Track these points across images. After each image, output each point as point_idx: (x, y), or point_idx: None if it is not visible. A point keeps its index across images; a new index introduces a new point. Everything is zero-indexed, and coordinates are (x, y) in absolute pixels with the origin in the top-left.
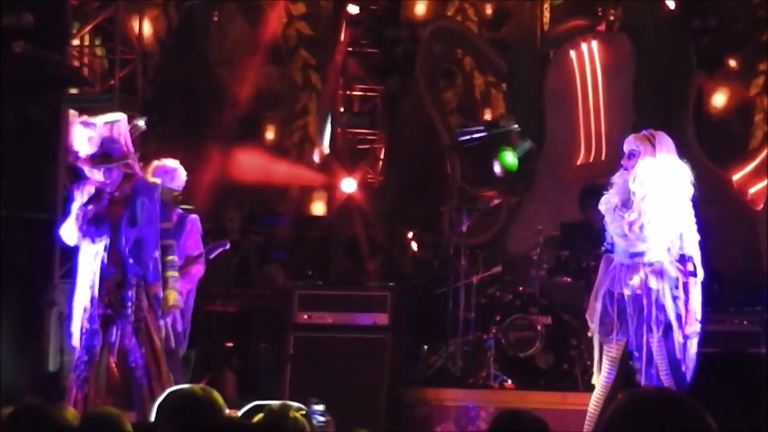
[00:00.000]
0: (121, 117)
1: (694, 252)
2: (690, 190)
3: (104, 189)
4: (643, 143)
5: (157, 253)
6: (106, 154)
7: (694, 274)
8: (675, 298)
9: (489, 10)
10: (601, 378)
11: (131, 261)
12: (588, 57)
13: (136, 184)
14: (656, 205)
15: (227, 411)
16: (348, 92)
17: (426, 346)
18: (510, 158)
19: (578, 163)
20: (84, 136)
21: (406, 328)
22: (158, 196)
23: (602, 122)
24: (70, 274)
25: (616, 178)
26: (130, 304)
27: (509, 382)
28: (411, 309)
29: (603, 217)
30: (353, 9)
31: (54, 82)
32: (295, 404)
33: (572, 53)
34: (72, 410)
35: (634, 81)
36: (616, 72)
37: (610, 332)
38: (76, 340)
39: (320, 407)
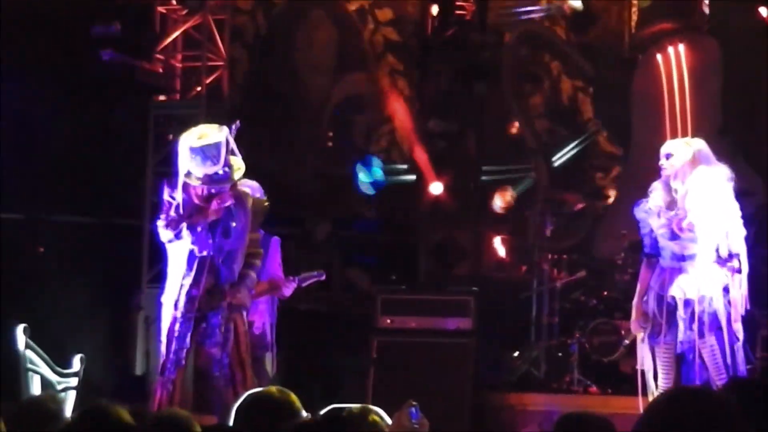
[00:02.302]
0: (226, 131)
1: (740, 248)
2: (730, 190)
3: (209, 198)
4: (679, 145)
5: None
6: (224, 172)
7: (739, 270)
8: (727, 303)
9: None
10: (660, 383)
11: (224, 271)
12: (675, 60)
13: (232, 196)
14: (700, 201)
15: (305, 414)
16: (435, 95)
17: (517, 352)
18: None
19: None
20: (192, 153)
21: (490, 332)
22: (250, 206)
23: (689, 126)
24: (158, 280)
25: (655, 184)
26: (222, 312)
27: (593, 387)
28: (495, 313)
29: (641, 224)
30: (435, 10)
31: (142, 90)
32: (377, 408)
33: (659, 56)
34: (126, 411)
35: (722, 84)
36: (704, 75)
37: (658, 335)
38: (163, 342)
39: (415, 408)
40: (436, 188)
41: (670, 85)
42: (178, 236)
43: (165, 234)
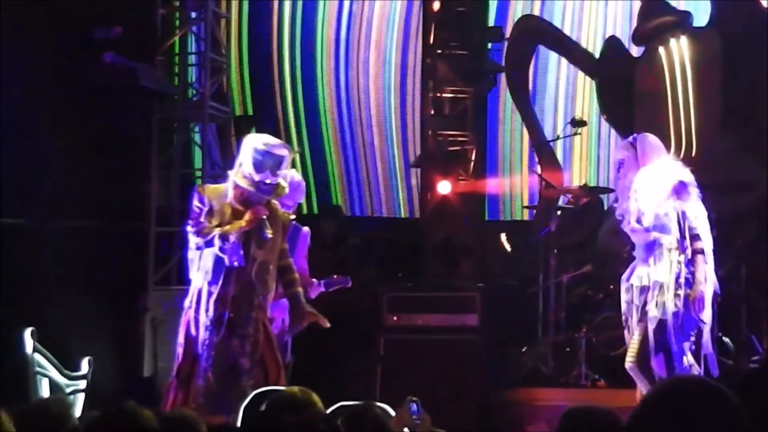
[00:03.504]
0: (290, 150)
1: (701, 229)
2: (680, 175)
3: (246, 204)
4: (626, 151)
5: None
6: (270, 185)
7: (702, 251)
8: (677, 296)
9: None
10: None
11: (257, 283)
12: (677, 53)
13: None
14: (643, 201)
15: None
16: (438, 95)
17: (524, 347)
18: None
19: None
20: (255, 154)
21: (496, 328)
22: (279, 217)
23: (692, 118)
24: (164, 282)
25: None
26: (253, 324)
27: (601, 381)
28: (501, 309)
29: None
30: (436, 6)
31: (145, 93)
32: (382, 405)
33: (661, 50)
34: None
35: (724, 76)
36: (705, 68)
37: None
38: (181, 344)
39: (416, 404)
40: (444, 188)
41: (672, 77)
42: (209, 244)
43: (195, 240)
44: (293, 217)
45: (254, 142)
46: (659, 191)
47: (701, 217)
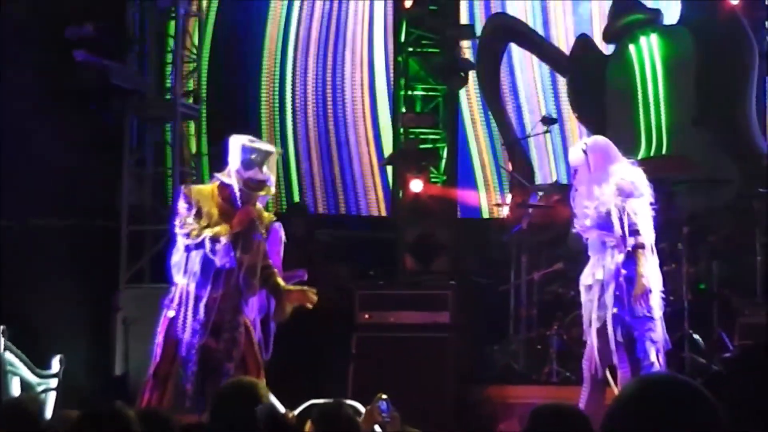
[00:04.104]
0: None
1: (641, 224)
2: (623, 177)
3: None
4: (578, 157)
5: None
6: (258, 182)
7: (642, 246)
8: (616, 295)
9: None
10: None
11: (244, 286)
12: (647, 51)
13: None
14: (588, 202)
15: (270, 400)
16: (409, 92)
17: (496, 347)
18: None
19: (639, 157)
20: (242, 153)
21: (468, 326)
22: (264, 219)
23: (662, 116)
24: (136, 280)
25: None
26: (240, 329)
27: (572, 378)
28: (473, 307)
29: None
30: (408, 2)
31: (117, 91)
32: (353, 403)
33: (632, 47)
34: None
35: (697, 75)
36: (677, 65)
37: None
38: (159, 344)
39: (386, 402)
40: (415, 186)
41: (643, 75)
42: (199, 246)
43: (185, 242)
44: (274, 219)
45: (241, 140)
46: (604, 191)
47: (642, 213)
